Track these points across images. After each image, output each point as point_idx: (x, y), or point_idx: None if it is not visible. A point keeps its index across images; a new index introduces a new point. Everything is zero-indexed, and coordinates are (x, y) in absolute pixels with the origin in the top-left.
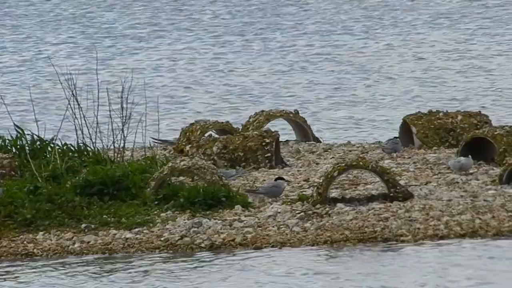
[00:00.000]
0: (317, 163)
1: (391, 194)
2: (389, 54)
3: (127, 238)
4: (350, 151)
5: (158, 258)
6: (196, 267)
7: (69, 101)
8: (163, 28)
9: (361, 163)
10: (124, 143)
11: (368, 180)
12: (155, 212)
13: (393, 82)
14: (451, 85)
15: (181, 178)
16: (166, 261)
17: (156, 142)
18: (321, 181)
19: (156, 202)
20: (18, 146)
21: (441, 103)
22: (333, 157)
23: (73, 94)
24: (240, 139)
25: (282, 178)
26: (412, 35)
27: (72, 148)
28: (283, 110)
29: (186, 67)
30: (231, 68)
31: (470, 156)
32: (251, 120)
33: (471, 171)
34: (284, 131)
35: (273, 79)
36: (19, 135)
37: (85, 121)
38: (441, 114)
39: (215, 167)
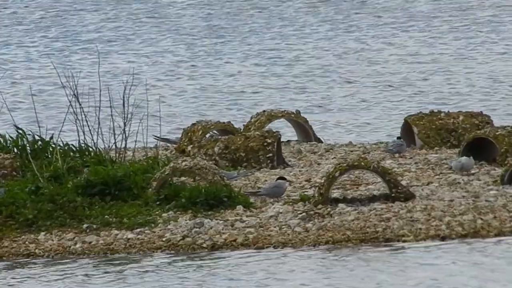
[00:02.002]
0: (319, 164)
1: (393, 195)
2: (370, 57)
3: (128, 239)
4: (352, 151)
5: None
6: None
7: (70, 101)
8: (138, 30)
9: (362, 163)
10: (126, 143)
11: (370, 180)
12: (157, 212)
13: (380, 84)
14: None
15: (183, 178)
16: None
17: (157, 139)
18: (322, 181)
19: (157, 203)
20: (20, 147)
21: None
22: (334, 158)
23: (74, 94)
24: (242, 140)
25: (283, 178)
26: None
27: (74, 148)
28: (285, 110)
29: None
30: (224, 70)
31: (471, 156)
32: (252, 120)
33: (472, 172)
34: (286, 131)
35: (262, 81)
36: (20, 135)
37: (87, 121)
38: (442, 114)
39: (216, 168)
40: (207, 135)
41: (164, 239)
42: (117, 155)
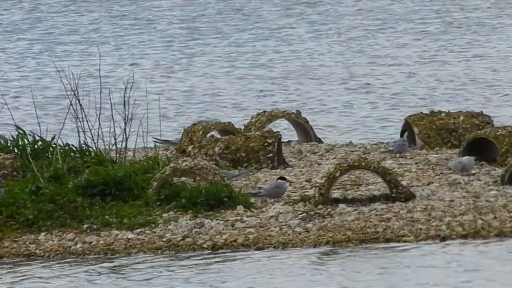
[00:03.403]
0: (319, 164)
1: (393, 195)
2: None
3: (129, 239)
4: (352, 151)
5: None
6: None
7: (71, 101)
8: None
9: (363, 163)
10: (126, 143)
11: (370, 180)
12: (157, 212)
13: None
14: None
15: (183, 178)
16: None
17: (157, 142)
18: (323, 181)
19: (158, 203)
20: (20, 147)
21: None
22: (335, 158)
23: (75, 94)
24: (242, 140)
25: (284, 178)
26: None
27: (74, 148)
28: (285, 111)
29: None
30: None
31: (474, 157)
32: (253, 120)
33: (473, 172)
34: (286, 131)
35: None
36: (20, 135)
37: (87, 121)
38: (443, 114)
39: (217, 168)
40: (208, 135)
41: (164, 239)
42: (118, 155)
